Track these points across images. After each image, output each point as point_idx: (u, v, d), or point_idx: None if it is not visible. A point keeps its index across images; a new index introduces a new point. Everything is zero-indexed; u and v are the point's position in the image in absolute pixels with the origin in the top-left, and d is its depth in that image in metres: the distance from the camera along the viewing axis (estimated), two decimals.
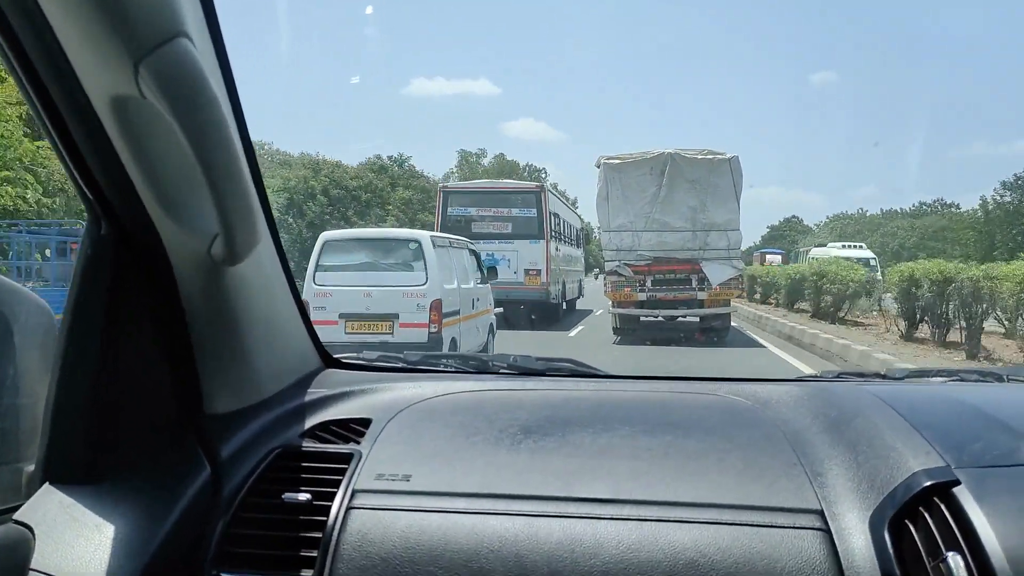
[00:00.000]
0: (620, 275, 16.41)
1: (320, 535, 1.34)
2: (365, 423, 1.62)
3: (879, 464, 1.35)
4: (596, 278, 32.19)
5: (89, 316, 1.31)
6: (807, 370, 10.50)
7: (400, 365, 2.00)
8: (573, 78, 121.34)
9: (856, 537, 1.25)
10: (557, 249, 20.77)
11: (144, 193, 1.25)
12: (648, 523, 1.31)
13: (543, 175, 77.85)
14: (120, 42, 1.04)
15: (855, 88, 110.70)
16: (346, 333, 9.80)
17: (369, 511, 1.37)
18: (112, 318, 1.32)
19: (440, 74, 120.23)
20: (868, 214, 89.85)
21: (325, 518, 1.37)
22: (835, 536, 1.26)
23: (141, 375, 1.38)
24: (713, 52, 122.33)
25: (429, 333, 9.82)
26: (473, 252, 12.58)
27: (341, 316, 9.85)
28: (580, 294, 25.51)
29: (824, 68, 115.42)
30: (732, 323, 18.33)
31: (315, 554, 1.32)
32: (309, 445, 1.55)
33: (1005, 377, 1.94)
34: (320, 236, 10.73)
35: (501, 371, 1.99)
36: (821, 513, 1.30)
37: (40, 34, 1.07)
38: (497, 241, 18.48)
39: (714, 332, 16.85)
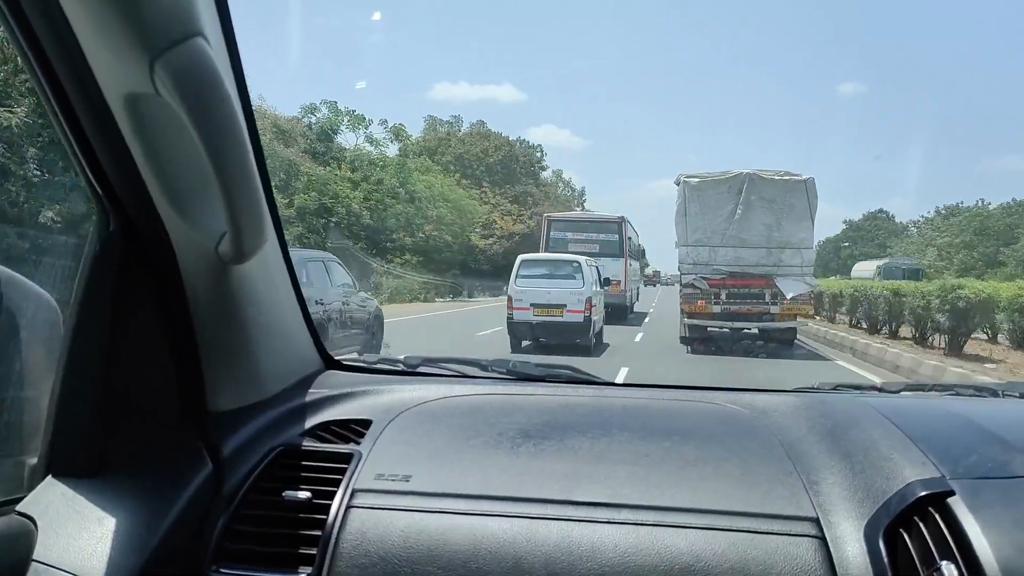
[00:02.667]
0: (696, 288, 16.63)
1: (320, 533, 1.34)
2: (366, 424, 1.62)
3: (875, 474, 1.35)
4: (656, 285, 34.84)
5: (95, 311, 1.31)
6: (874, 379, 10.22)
7: (400, 368, 2.01)
8: (596, 86, 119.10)
9: (851, 545, 1.25)
10: (630, 264, 25.90)
11: (154, 190, 1.25)
12: (645, 527, 1.31)
13: (539, 152, 69.67)
14: (137, 39, 1.04)
15: (881, 97, 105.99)
16: (534, 316, 15.35)
17: (368, 510, 1.37)
18: (118, 314, 1.33)
19: (464, 79, 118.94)
20: (991, 206, 58.36)
21: (325, 516, 1.37)
22: (830, 544, 1.26)
23: (145, 371, 1.39)
24: (737, 63, 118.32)
25: (584, 316, 15.30)
26: (597, 268, 17.76)
27: (531, 305, 15.35)
28: (637, 298, 30.63)
29: (851, 79, 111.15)
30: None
31: (314, 552, 1.32)
32: (310, 444, 1.55)
33: (1000, 392, 1.94)
34: (518, 257, 16.89)
35: (500, 376, 1.99)
36: (816, 521, 1.30)
37: (57, 28, 1.07)
38: (587, 257, 21.31)
39: (780, 344, 16.98)
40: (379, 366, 2.00)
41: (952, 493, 1.20)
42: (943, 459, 1.31)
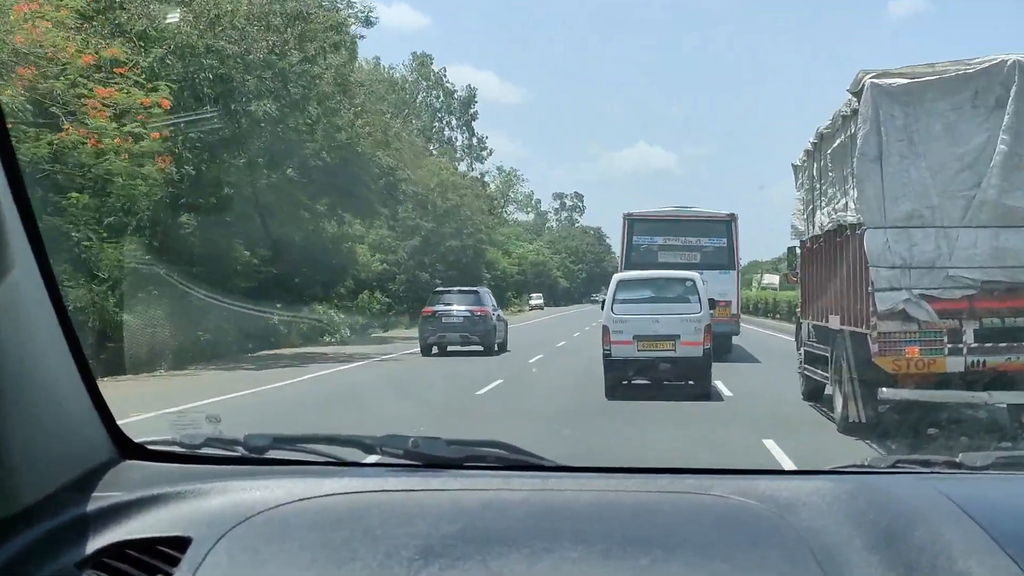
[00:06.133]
0: (911, 319, 8.10)
1: None
2: (181, 544, 1.24)
3: None
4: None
5: None
6: None
7: (239, 454, 1.51)
8: (536, 16, 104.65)
9: None
10: (740, 278, 21.05)
11: None
12: None
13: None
14: None
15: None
16: (638, 351, 13.01)
17: None
18: None
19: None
20: None
21: None
22: None
23: None
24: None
25: (704, 349, 13.01)
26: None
27: (635, 337, 12.96)
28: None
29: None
30: None
31: None
32: None
33: None
34: (614, 276, 14.95)
35: (395, 462, 1.51)
36: None
37: None
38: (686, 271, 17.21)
39: None
40: (205, 451, 1.51)
41: None
42: None
